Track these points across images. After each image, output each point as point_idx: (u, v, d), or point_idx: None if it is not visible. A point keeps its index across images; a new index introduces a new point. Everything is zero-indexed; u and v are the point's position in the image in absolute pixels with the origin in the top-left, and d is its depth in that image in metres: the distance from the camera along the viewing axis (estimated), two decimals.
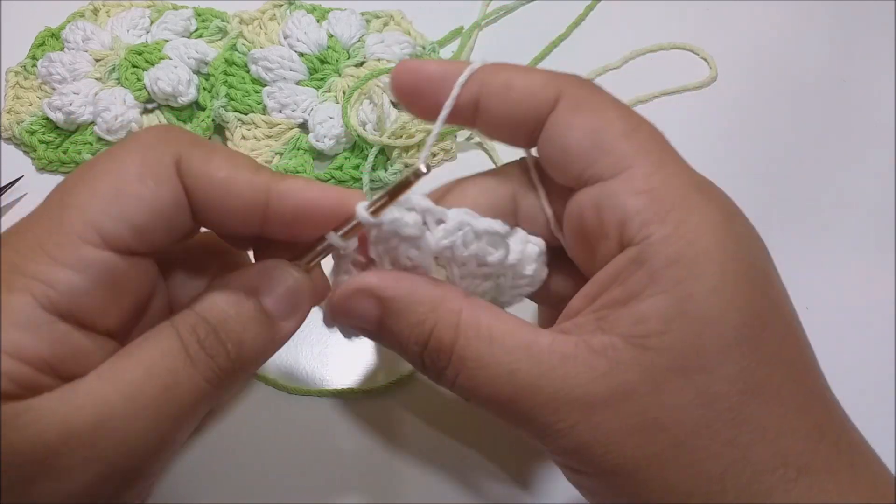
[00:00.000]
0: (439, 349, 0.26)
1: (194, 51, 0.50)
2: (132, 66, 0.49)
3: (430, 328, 0.26)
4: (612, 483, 0.26)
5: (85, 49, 0.51)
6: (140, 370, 0.24)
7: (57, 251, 0.23)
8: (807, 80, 0.53)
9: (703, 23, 0.56)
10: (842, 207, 0.47)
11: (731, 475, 0.25)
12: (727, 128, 0.51)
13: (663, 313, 0.25)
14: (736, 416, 0.25)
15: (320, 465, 0.37)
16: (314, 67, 0.50)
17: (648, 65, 0.54)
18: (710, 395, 0.25)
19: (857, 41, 0.55)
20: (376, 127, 0.47)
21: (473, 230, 0.27)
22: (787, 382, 0.26)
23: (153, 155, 0.25)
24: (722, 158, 0.49)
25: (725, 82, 0.53)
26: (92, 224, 0.23)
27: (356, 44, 0.51)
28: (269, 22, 0.53)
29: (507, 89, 0.28)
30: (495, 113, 0.28)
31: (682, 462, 0.25)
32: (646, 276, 0.25)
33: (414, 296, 0.27)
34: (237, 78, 0.50)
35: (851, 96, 0.52)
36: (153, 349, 0.25)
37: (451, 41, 0.54)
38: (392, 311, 0.27)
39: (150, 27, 0.53)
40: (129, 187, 0.24)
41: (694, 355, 0.24)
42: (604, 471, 0.25)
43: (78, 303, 0.23)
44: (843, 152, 0.50)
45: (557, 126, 0.27)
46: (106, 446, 0.23)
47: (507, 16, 0.57)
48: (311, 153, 0.47)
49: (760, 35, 0.55)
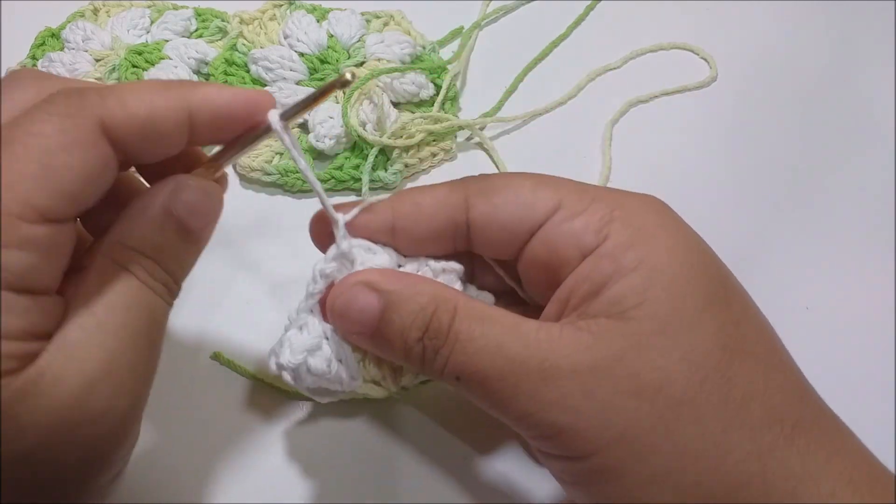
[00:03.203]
0: (439, 329, 0.27)
1: (194, 51, 0.50)
2: (132, 66, 0.49)
3: (431, 312, 0.28)
4: (613, 463, 0.25)
5: (85, 49, 0.52)
6: (120, 314, 0.26)
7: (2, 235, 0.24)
8: (807, 79, 0.53)
9: (703, 23, 0.56)
10: (842, 207, 0.47)
11: (733, 432, 0.25)
12: (727, 128, 0.51)
13: (636, 288, 0.26)
14: (724, 372, 0.25)
15: (321, 465, 0.37)
16: (314, 67, 0.50)
17: (648, 65, 0.54)
18: (696, 352, 0.25)
19: (857, 41, 0.55)
20: (376, 127, 0.47)
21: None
22: (760, 342, 0.27)
23: (73, 122, 0.25)
24: (722, 158, 0.49)
25: (725, 82, 0.53)
26: (27, 203, 0.24)
27: (356, 44, 0.51)
28: (269, 22, 0.53)
29: (417, 206, 0.30)
30: (411, 233, 0.30)
31: (686, 420, 0.25)
32: (610, 265, 0.27)
33: (415, 287, 0.28)
34: (237, 78, 0.50)
35: (851, 96, 0.52)
36: (120, 293, 0.26)
37: (451, 41, 0.54)
38: (394, 302, 0.28)
39: (150, 27, 0.53)
40: (56, 159, 0.24)
41: (673, 317, 0.26)
42: (608, 443, 0.25)
43: (30, 277, 0.24)
44: (843, 152, 0.50)
45: (481, 215, 0.30)
46: (118, 383, 0.26)
47: (507, 16, 0.57)
48: (312, 153, 0.47)
49: (760, 35, 0.55)
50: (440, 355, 0.27)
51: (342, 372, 0.31)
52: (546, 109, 0.51)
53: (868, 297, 0.43)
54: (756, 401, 0.25)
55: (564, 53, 0.54)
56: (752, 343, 0.27)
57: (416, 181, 0.48)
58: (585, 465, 0.26)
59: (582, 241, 0.28)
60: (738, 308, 0.27)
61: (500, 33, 0.56)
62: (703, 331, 0.26)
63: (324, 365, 0.30)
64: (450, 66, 0.51)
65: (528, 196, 0.29)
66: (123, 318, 0.26)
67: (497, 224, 0.29)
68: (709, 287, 0.27)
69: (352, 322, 0.29)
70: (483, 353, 0.27)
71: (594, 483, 0.26)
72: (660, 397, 0.25)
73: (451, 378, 0.28)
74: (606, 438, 0.25)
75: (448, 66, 0.51)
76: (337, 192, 0.47)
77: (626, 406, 0.25)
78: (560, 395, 0.25)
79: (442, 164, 0.48)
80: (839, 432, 0.27)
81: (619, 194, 0.29)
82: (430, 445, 0.37)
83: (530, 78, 0.53)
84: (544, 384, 0.25)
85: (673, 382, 0.25)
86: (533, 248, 0.29)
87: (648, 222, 0.28)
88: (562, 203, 0.29)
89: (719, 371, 0.25)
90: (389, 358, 0.30)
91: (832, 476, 0.25)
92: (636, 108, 0.51)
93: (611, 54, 0.54)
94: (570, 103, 0.51)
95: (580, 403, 0.25)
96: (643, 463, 0.25)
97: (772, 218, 0.46)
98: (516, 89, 0.52)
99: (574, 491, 0.28)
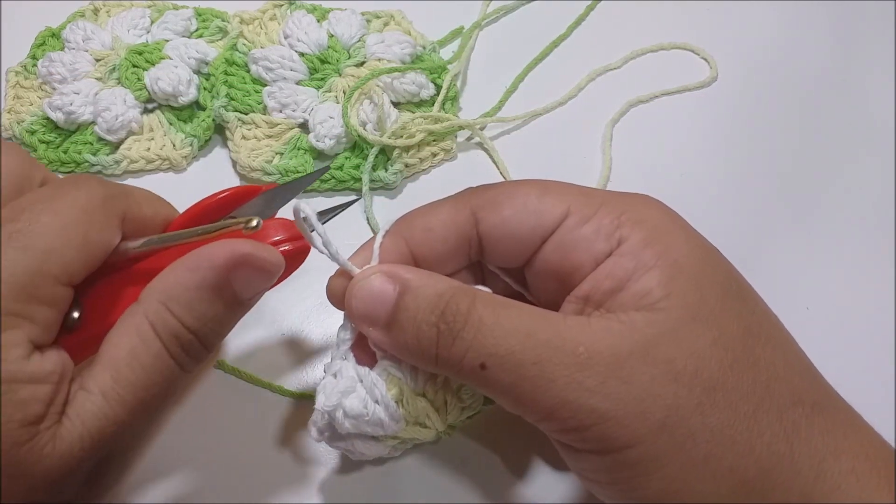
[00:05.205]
0: (457, 312, 0.27)
1: (195, 51, 0.50)
2: (132, 66, 0.49)
3: (448, 298, 0.27)
4: (653, 453, 0.25)
5: (85, 49, 0.51)
6: (141, 383, 0.27)
7: (37, 292, 0.26)
8: (807, 79, 0.53)
9: (703, 23, 0.56)
10: (842, 207, 0.47)
11: (762, 414, 0.25)
12: (727, 128, 0.51)
13: (660, 282, 0.26)
14: (749, 355, 0.26)
15: (322, 467, 0.37)
16: (314, 67, 0.50)
17: (648, 65, 0.54)
18: (725, 337, 0.26)
19: (857, 41, 0.55)
20: (377, 127, 0.47)
21: None
22: (775, 329, 0.28)
23: (104, 211, 0.28)
24: (722, 158, 0.49)
25: (725, 82, 0.53)
26: (65, 268, 0.27)
27: (356, 44, 0.51)
28: (269, 22, 0.53)
29: (428, 232, 0.30)
30: (428, 260, 0.30)
31: (721, 405, 0.25)
32: (631, 262, 0.27)
33: (432, 277, 0.29)
34: (237, 78, 0.50)
35: (851, 96, 0.52)
36: (150, 371, 0.28)
37: (452, 41, 0.54)
38: (411, 288, 0.28)
39: (150, 27, 0.53)
40: (91, 237, 0.28)
41: (700, 306, 0.26)
42: (649, 431, 0.25)
43: (50, 329, 0.27)
44: (843, 152, 0.50)
45: (491, 227, 0.30)
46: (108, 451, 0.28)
47: (507, 16, 0.57)
48: (312, 153, 0.47)
49: (760, 35, 0.55)
50: (461, 339, 0.27)
51: (380, 413, 0.30)
52: (546, 109, 0.51)
53: (868, 297, 0.43)
54: (779, 382, 0.26)
55: (564, 53, 0.54)
56: (767, 328, 0.27)
57: (416, 181, 0.48)
58: (622, 458, 0.25)
59: (595, 245, 0.28)
60: (752, 297, 0.28)
61: (500, 33, 0.56)
62: (728, 317, 0.26)
63: (360, 406, 0.29)
64: (450, 66, 0.51)
65: (536, 205, 0.29)
66: (144, 396, 0.27)
67: (508, 235, 0.30)
68: (723, 280, 0.28)
69: (367, 310, 0.29)
70: (513, 336, 0.26)
71: (631, 477, 0.26)
72: (697, 382, 0.25)
73: (473, 366, 0.27)
74: (647, 427, 0.25)
75: (448, 66, 0.51)
76: (337, 192, 0.47)
77: (665, 392, 0.25)
78: (599, 382, 0.25)
79: (442, 163, 0.48)
80: (849, 412, 0.28)
81: (624, 197, 0.30)
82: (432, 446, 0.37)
83: (530, 78, 0.53)
84: (581, 370, 0.25)
85: (707, 367, 0.25)
86: (545, 255, 0.29)
87: (660, 222, 0.28)
88: (570, 209, 0.29)
89: (745, 354, 0.26)
90: (405, 356, 0.29)
91: (850, 453, 0.26)
92: (636, 108, 0.51)
93: (611, 54, 0.54)
94: (570, 103, 0.51)
95: (619, 390, 0.25)
96: (682, 451, 0.25)
97: (772, 218, 0.46)
98: (516, 89, 0.52)
99: (606, 491, 0.27)
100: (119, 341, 0.27)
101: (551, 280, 0.30)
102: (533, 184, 0.30)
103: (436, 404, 0.31)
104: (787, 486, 0.25)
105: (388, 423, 0.30)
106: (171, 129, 0.49)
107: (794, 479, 0.25)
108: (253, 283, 0.29)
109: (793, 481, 0.25)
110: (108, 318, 0.29)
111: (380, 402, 0.29)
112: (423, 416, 0.30)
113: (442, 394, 0.31)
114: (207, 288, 0.28)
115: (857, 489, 0.25)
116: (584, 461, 0.27)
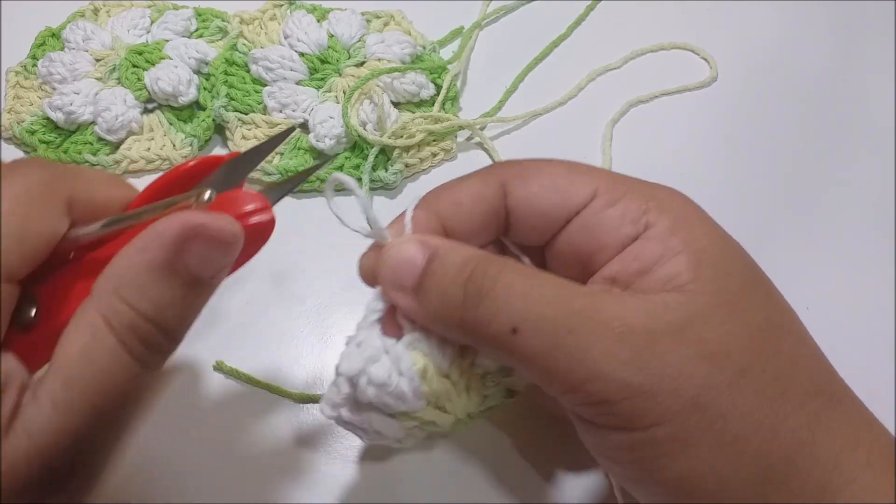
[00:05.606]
0: (484, 276, 0.26)
1: (195, 51, 0.50)
2: (132, 66, 0.49)
3: (476, 262, 0.27)
4: (682, 432, 0.24)
5: (85, 49, 0.52)
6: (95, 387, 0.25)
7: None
8: (807, 79, 0.53)
9: (703, 23, 0.56)
10: (842, 207, 0.47)
11: (787, 401, 0.25)
12: (727, 128, 0.51)
13: (687, 266, 0.26)
14: (773, 344, 0.26)
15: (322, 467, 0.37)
16: (314, 67, 0.50)
17: (648, 65, 0.54)
18: (751, 325, 0.26)
19: (857, 41, 0.55)
20: (377, 127, 0.47)
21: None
22: (793, 320, 0.28)
23: (43, 198, 0.26)
24: (722, 158, 0.49)
25: (725, 82, 0.53)
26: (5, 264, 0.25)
27: (356, 44, 0.51)
28: (269, 22, 0.53)
29: (458, 206, 0.30)
30: (457, 234, 0.30)
31: (750, 389, 0.25)
32: (658, 247, 0.27)
33: (462, 245, 0.28)
34: (237, 78, 0.50)
35: (851, 96, 0.52)
36: (105, 373, 0.25)
37: (452, 41, 0.54)
38: (439, 253, 0.28)
39: (150, 27, 0.53)
40: (30, 227, 0.25)
41: (726, 293, 0.26)
42: (681, 409, 0.24)
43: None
44: (843, 152, 0.50)
45: (519, 201, 0.29)
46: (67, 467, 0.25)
47: (507, 16, 0.57)
48: (312, 153, 0.47)
49: (760, 35, 0.55)
50: (490, 301, 0.26)
51: (404, 384, 0.28)
52: (546, 109, 0.51)
53: (868, 297, 0.43)
54: (801, 371, 0.26)
55: (564, 53, 0.54)
56: (789, 320, 0.28)
57: (416, 181, 0.48)
58: (647, 436, 0.25)
59: (621, 228, 0.28)
60: (771, 290, 0.29)
61: (500, 33, 0.56)
62: (752, 306, 0.27)
63: (384, 374, 0.28)
64: (450, 66, 0.51)
65: (565, 183, 0.29)
66: (99, 401, 0.24)
67: (535, 211, 0.29)
68: (746, 270, 0.28)
69: (396, 275, 0.28)
70: (546, 301, 0.25)
71: (655, 456, 0.25)
72: (728, 364, 0.25)
73: (503, 331, 0.26)
74: (680, 404, 0.24)
75: (448, 66, 0.51)
76: (337, 191, 0.47)
77: (698, 371, 0.25)
78: (634, 355, 0.24)
79: (442, 163, 0.48)
80: (863, 408, 0.28)
81: (650, 185, 0.30)
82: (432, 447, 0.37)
83: (530, 78, 0.53)
84: (617, 342, 0.25)
85: (738, 350, 0.25)
86: (569, 235, 0.29)
87: (686, 212, 0.28)
88: (598, 191, 0.29)
89: (769, 342, 0.26)
90: (432, 323, 0.28)
91: (866, 446, 0.26)
92: (636, 108, 0.51)
93: (611, 54, 0.54)
94: (570, 103, 0.51)
95: (654, 365, 0.24)
96: (712, 431, 0.24)
97: (772, 218, 0.46)
98: (516, 89, 0.52)
99: (625, 470, 0.27)
100: (69, 341, 0.24)
101: (572, 261, 0.29)
102: (561, 163, 0.30)
103: (458, 388, 0.30)
104: (806, 474, 0.25)
105: (410, 398, 0.29)
106: (171, 129, 0.49)
107: (814, 468, 0.25)
108: (211, 259, 0.26)
109: (812, 470, 0.25)
110: (63, 313, 0.26)
111: (404, 375, 0.28)
112: (445, 398, 0.29)
113: (466, 378, 0.30)
114: (159, 268, 0.25)
115: (872, 483, 0.25)
116: (606, 438, 0.26)
